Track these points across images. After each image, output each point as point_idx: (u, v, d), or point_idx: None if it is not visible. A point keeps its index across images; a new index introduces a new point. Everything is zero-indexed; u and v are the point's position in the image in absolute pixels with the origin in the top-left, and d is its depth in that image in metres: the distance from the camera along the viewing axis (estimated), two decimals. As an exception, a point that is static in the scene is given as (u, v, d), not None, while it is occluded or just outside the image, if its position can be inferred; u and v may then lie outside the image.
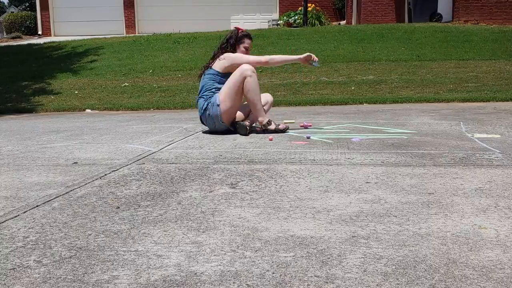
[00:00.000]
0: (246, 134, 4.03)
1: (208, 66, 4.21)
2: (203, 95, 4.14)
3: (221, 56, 4.15)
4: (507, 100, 6.06)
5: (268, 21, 17.33)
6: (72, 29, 17.52)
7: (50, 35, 17.78)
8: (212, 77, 4.14)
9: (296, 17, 15.63)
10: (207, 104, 4.07)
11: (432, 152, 3.18)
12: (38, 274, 1.55)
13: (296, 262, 1.57)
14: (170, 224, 1.97)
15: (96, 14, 17.74)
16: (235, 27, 4.35)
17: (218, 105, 4.01)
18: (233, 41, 4.17)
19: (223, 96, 4.03)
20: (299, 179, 2.59)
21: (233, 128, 4.14)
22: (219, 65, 4.13)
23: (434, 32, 11.36)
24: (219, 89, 4.10)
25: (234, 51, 4.17)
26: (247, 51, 4.22)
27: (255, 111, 4.12)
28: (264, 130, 4.11)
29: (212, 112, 4.04)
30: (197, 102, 4.20)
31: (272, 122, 4.11)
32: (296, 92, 7.33)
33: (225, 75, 4.11)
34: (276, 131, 4.08)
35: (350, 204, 2.16)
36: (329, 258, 1.60)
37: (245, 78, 4.00)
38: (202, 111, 4.13)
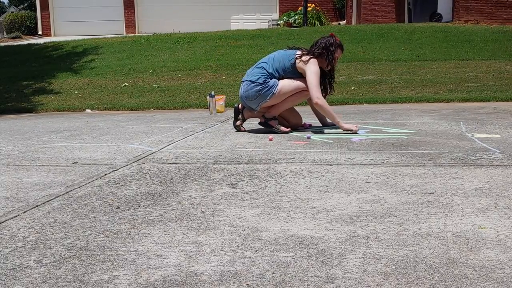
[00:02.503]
0: (237, 118, 4.19)
1: (297, 56, 4.10)
2: (269, 70, 4.10)
3: (311, 61, 4.06)
4: (507, 100, 6.06)
5: (268, 21, 17.34)
6: (72, 29, 17.52)
7: (50, 35, 17.78)
8: (288, 64, 4.09)
9: (296, 17, 15.64)
10: (263, 82, 4.05)
11: (432, 152, 3.18)
12: (38, 274, 1.55)
13: (296, 262, 1.57)
14: (170, 224, 1.97)
15: (96, 14, 17.74)
16: (332, 34, 4.24)
17: (274, 94, 4.04)
18: (333, 48, 4.12)
19: (283, 92, 4.06)
20: (299, 179, 2.59)
21: (263, 126, 4.21)
22: (301, 64, 4.07)
23: (434, 32, 11.36)
24: (278, 76, 4.09)
25: (329, 57, 4.12)
26: (335, 61, 4.21)
27: (275, 110, 4.17)
28: (265, 122, 4.16)
29: (263, 92, 4.05)
30: (259, 65, 4.17)
31: (277, 122, 4.17)
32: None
33: (296, 72, 4.11)
34: (275, 130, 4.09)
35: (350, 204, 2.16)
36: (329, 258, 1.60)
37: (303, 91, 4.09)
38: (254, 79, 4.09)
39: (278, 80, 4.08)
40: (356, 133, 3.98)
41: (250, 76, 4.15)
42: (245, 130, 4.25)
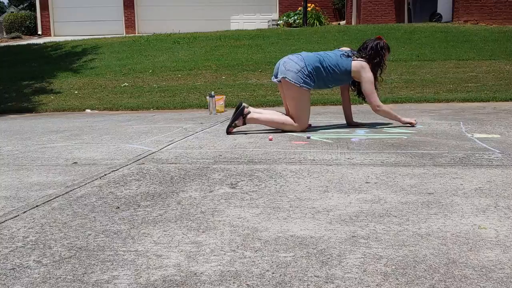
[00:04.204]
0: (237, 110, 4.14)
1: (350, 55, 4.16)
2: (323, 63, 4.10)
3: (365, 68, 4.12)
4: (507, 100, 6.06)
5: (268, 21, 17.33)
6: (72, 29, 17.52)
7: (50, 35, 17.77)
8: (341, 69, 4.11)
9: (296, 17, 15.62)
10: (308, 72, 4.06)
11: (432, 152, 3.18)
12: (38, 274, 1.55)
13: (296, 262, 1.57)
14: (170, 224, 1.97)
15: (96, 14, 17.74)
16: (379, 37, 4.28)
17: (298, 85, 4.05)
18: (383, 52, 4.19)
19: (295, 101, 4.11)
20: (299, 179, 2.59)
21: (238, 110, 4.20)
22: (357, 68, 4.12)
23: (434, 32, 11.36)
24: (326, 80, 4.13)
25: (380, 62, 4.20)
26: (385, 64, 4.29)
27: (258, 121, 4.25)
28: (240, 111, 4.16)
29: (297, 75, 4.05)
30: (304, 56, 4.13)
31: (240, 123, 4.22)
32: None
33: (346, 76, 4.15)
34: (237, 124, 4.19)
35: (350, 204, 2.16)
36: (329, 258, 1.60)
37: (290, 125, 4.13)
38: (306, 63, 4.08)
39: (311, 87, 4.11)
40: (415, 126, 4.16)
41: (306, 56, 4.14)
42: (234, 132, 4.16)
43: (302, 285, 1.42)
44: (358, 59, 4.15)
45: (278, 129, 4.20)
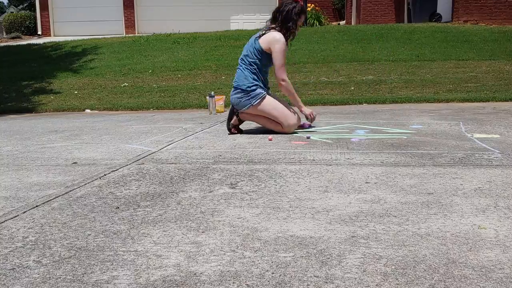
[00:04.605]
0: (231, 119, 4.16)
1: (261, 35, 4.08)
2: (243, 68, 4.08)
3: (274, 36, 4.01)
4: (507, 100, 6.06)
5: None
6: (71, 29, 17.51)
7: (49, 35, 17.77)
8: (255, 52, 4.05)
9: (296, 17, 15.61)
10: (245, 89, 4.05)
11: (431, 152, 3.18)
12: (38, 274, 1.55)
13: (295, 262, 1.57)
14: (170, 224, 1.97)
15: (96, 14, 17.73)
16: (296, 0, 4.08)
17: (252, 105, 4.04)
18: (296, 17, 4.04)
19: (262, 109, 4.06)
20: (298, 179, 2.59)
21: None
22: (264, 43, 4.02)
23: (433, 32, 11.36)
24: (254, 68, 4.03)
25: (292, 26, 4.04)
26: (298, 29, 4.16)
27: (251, 118, 4.28)
28: (233, 112, 4.17)
29: (243, 101, 4.07)
30: (245, 59, 4.09)
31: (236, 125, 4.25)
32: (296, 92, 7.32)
33: (265, 56, 4.03)
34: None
35: (350, 204, 2.16)
36: (328, 258, 1.60)
37: (278, 125, 4.06)
38: (237, 84, 4.11)
39: (264, 90, 4.06)
40: (310, 120, 4.18)
41: (236, 78, 4.15)
42: (236, 133, 4.17)
43: (302, 285, 1.42)
44: (266, 34, 4.04)
45: (268, 128, 4.14)
